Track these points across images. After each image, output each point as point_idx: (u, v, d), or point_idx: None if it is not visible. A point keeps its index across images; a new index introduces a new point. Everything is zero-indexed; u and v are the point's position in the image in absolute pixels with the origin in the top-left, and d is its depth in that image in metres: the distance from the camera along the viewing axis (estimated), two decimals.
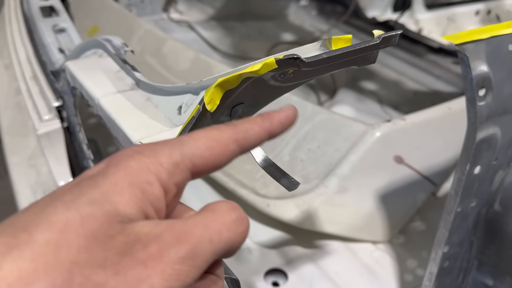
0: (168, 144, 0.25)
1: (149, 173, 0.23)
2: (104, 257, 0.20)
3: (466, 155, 0.47)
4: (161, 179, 0.23)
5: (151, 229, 0.22)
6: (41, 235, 0.20)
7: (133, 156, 0.23)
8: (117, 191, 0.22)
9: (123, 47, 0.54)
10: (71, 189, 0.22)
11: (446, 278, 0.58)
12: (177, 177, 0.24)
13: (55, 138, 0.65)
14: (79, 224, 0.20)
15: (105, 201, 0.21)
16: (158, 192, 0.23)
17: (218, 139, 0.26)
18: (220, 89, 0.31)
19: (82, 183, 0.22)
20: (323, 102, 1.25)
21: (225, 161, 0.26)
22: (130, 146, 0.25)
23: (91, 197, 0.21)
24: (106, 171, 0.23)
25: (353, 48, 0.33)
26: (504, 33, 0.45)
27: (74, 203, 0.21)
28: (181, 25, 1.66)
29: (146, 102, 0.46)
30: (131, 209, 0.22)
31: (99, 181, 0.22)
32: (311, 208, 0.73)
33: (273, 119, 0.29)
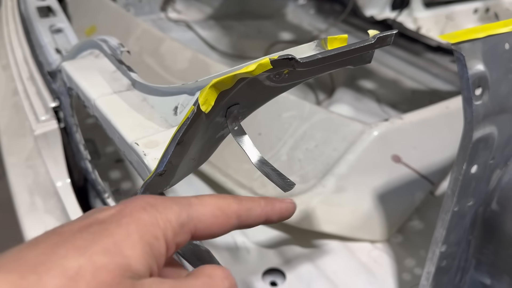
0: (178, 203, 0.26)
1: (158, 229, 0.24)
2: None
3: (462, 154, 0.46)
4: (167, 237, 0.24)
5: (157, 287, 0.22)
6: (52, 280, 0.19)
7: (147, 208, 0.24)
8: (130, 244, 0.22)
9: (119, 48, 0.54)
10: (82, 233, 0.22)
11: (443, 277, 0.58)
12: (180, 237, 0.25)
13: (52, 139, 0.65)
14: (91, 273, 0.20)
15: (119, 254, 0.21)
16: (163, 249, 0.24)
17: (224, 210, 0.28)
18: (215, 90, 0.31)
19: (93, 228, 0.22)
20: (321, 101, 1.25)
21: (223, 232, 0.28)
22: (143, 196, 0.25)
23: (105, 246, 0.21)
24: (119, 219, 0.23)
25: (348, 48, 0.33)
26: (500, 32, 0.45)
27: (87, 249, 0.21)
28: (179, 25, 1.66)
29: (142, 102, 0.46)
30: (141, 266, 0.22)
31: (112, 229, 0.22)
32: (309, 207, 0.73)
33: (274, 207, 0.31)
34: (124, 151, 0.42)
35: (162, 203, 0.25)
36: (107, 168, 0.95)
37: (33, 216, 0.65)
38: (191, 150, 0.34)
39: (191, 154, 0.35)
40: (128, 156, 0.41)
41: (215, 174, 0.82)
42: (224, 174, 0.81)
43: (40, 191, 0.68)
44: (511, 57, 0.46)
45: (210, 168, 0.83)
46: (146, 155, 0.38)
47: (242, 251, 0.75)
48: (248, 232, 0.78)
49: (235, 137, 0.36)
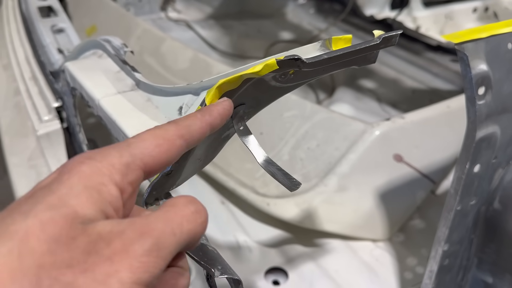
0: (117, 147, 0.26)
1: (103, 176, 0.24)
2: (70, 257, 0.20)
3: (466, 153, 0.47)
4: (115, 179, 0.24)
5: (113, 227, 0.22)
6: (2, 246, 0.20)
7: (85, 161, 0.24)
8: (73, 194, 0.22)
9: (123, 48, 0.54)
10: (26, 200, 0.22)
11: (446, 276, 0.58)
12: (130, 176, 0.25)
13: (55, 138, 0.65)
14: (39, 230, 0.20)
15: (63, 205, 0.22)
16: (114, 192, 0.24)
17: (164, 136, 0.27)
18: (221, 90, 0.31)
19: (36, 193, 0.22)
20: (321, 101, 1.25)
21: (174, 156, 0.28)
22: (80, 153, 0.25)
23: (48, 203, 0.21)
24: (60, 178, 0.23)
25: (354, 49, 0.33)
26: (503, 32, 0.45)
27: (32, 211, 0.21)
28: (179, 24, 1.66)
29: (147, 103, 0.46)
30: (90, 210, 0.22)
31: (54, 188, 0.22)
32: (311, 206, 0.73)
33: (212, 112, 0.31)
34: None
35: (99, 153, 0.25)
36: None
37: None
38: (197, 150, 0.35)
39: (197, 154, 0.35)
40: None
41: (217, 174, 0.82)
42: (226, 174, 0.82)
43: None
44: None
45: (212, 168, 0.83)
46: None
47: (244, 250, 0.75)
48: (251, 231, 0.79)
49: (241, 137, 0.36)
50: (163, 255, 0.23)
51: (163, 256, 0.23)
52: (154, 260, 0.22)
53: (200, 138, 0.30)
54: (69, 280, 0.20)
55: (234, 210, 0.83)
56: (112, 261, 0.21)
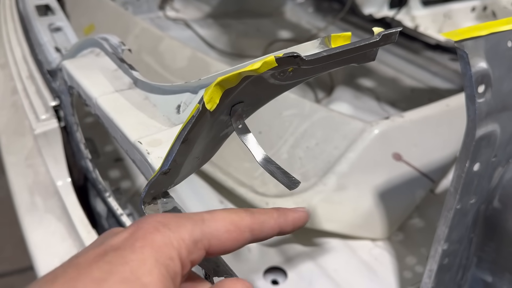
0: (191, 220, 0.26)
1: (173, 249, 0.24)
2: None
3: (465, 152, 0.46)
4: (181, 255, 0.24)
5: None
6: None
7: (159, 229, 0.24)
8: (146, 270, 0.22)
9: (121, 46, 0.53)
10: (98, 263, 0.22)
11: (445, 275, 0.58)
12: (195, 255, 0.25)
13: (52, 137, 0.65)
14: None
15: (137, 282, 0.21)
16: (178, 268, 0.24)
17: (237, 224, 0.27)
18: (220, 88, 0.31)
19: (108, 256, 0.22)
20: (320, 100, 1.25)
21: (237, 247, 0.28)
22: (155, 215, 0.25)
23: (123, 276, 0.21)
24: (133, 244, 0.23)
25: (353, 46, 0.33)
26: (503, 29, 0.45)
27: (105, 282, 0.21)
28: (178, 23, 1.66)
29: (144, 101, 0.45)
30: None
31: (127, 256, 0.22)
32: (310, 206, 0.73)
33: (287, 217, 0.31)
34: (127, 150, 0.42)
35: (174, 222, 0.25)
36: (107, 167, 0.95)
37: (34, 215, 0.65)
38: (195, 149, 0.34)
39: (195, 152, 0.35)
40: (131, 155, 0.41)
41: (216, 173, 0.82)
42: (224, 173, 0.81)
43: (40, 190, 0.68)
44: None
45: (211, 167, 0.83)
46: (149, 153, 0.38)
47: (243, 250, 0.75)
48: None
49: (239, 135, 0.35)
50: None
51: None
52: None
53: (267, 238, 0.30)
54: None
55: None
56: None
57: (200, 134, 0.33)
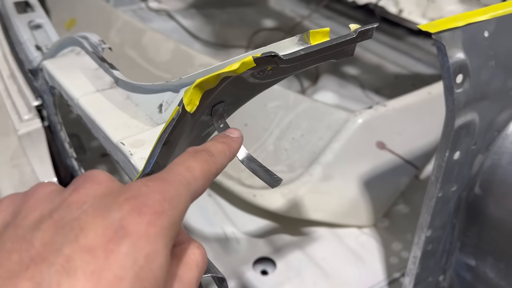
0: (182, 188, 0.24)
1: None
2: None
3: (445, 142, 0.47)
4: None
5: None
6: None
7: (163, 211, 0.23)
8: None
9: (101, 44, 0.53)
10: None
11: (430, 261, 0.59)
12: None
13: (36, 138, 0.64)
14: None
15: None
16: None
17: (211, 176, 0.27)
18: (199, 90, 0.31)
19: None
20: (306, 89, 1.25)
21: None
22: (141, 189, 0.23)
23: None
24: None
25: (330, 44, 0.33)
26: (480, 19, 0.45)
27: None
28: (160, 14, 1.64)
29: (126, 100, 0.45)
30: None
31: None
32: (297, 196, 0.74)
33: (233, 145, 0.31)
34: (110, 151, 0.42)
35: (170, 200, 0.23)
36: (93, 162, 0.94)
37: None
38: (177, 150, 0.35)
39: (178, 153, 0.35)
40: (114, 155, 0.41)
41: None
42: None
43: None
44: (490, 44, 0.46)
45: None
46: (132, 154, 0.38)
47: (232, 242, 0.76)
48: (238, 222, 0.79)
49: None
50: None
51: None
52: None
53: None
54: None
55: (221, 202, 0.83)
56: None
57: (182, 135, 0.34)
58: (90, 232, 0.19)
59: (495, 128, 0.52)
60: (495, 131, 0.52)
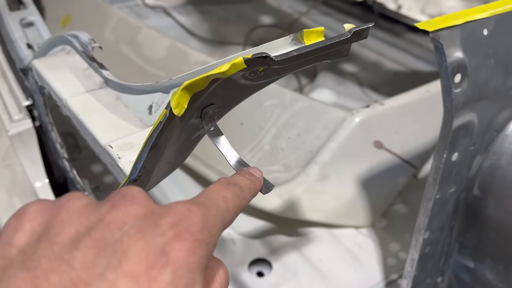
0: (218, 220, 0.25)
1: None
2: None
3: (443, 143, 0.46)
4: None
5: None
6: None
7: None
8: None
9: (91, 43, 0.52)
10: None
11: (427, 263, 0.58)
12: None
13: (27, 138, 0.63)
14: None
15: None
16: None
17: (240, 209, 0.28)
18: (187, 92, 0.30)
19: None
20: (304, 86, 1.24)
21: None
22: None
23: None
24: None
25: (324, 44, 0.32)
26: (479, 17, 0.44)
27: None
28: (157, 11, 1.62)
29: (116, 101, 0.44)
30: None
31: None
32: (293, 196, 0.72)
33: (257, 184, 0.32)
34: (99, 153, 0.41)
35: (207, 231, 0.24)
36: (89, 161, 0.93)
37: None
38: (166, 154, 0.33)
39: (166, 157, 0.34)
40: (102, 158, 0.40)
41: (198, 166, 0.81)
42: (207, 166, 0.81)
43: (18, 191, 0.66)
44: (489, 43, 0.45)
45: (193, 160, 0.82)
46: (120, 158, 0.37)
47: (228, 243, 0.75)
48: (234, 223, 0.78)
49: (211, 138, 0.35)
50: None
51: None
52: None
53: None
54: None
55: None
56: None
57: (170, 139, 0.32)
58: (133, 257, 0.19)
59: (494, 128, 0.51)
60: (495, 131, 0.51)
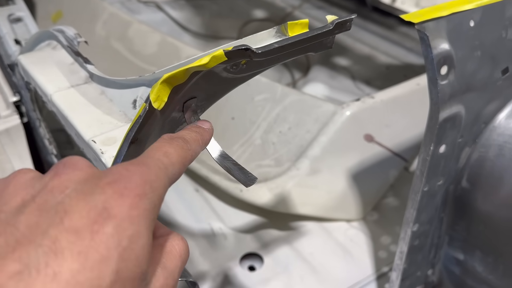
0: (160, 173, 0.25)
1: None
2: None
3: (429, 135, 0.46)
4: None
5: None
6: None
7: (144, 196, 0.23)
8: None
9: (76, 38, 0.51)
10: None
11: (417, 255, 0.58)
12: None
13: (15, 134, 0.63)
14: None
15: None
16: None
17: (187, 162, 0.28)
18: (167, 85, 0.30)
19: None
20: (297, 80, 1.24)
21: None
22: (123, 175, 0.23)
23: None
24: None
25: (306, 36, 0.32)
26: (465, 8, 0.44)
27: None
28: (149, 6, 1.61)
29: (100, 96, 0.44)
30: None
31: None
32: (284, 191, 0.72)
33: (205, 135, 0.32)
34: (83, 149, 0.41)
35: (150, 187, 0.24)
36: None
37: None
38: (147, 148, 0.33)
39: None
40: (87, 153, 0.40)
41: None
42: (198, 161, 0.80)
43: None
44: (476, 34, 0.45)
45: None
46: (103, 153, 0.37)
47: (219, 238, 0.75)
48: (225, 218, 0.78)
49: None
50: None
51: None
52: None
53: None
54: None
55: (208, 197, 0.82)
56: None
57: (151, 133, 0.32)
58: (74, 215, 0.20)
59: (482, 120, 0.51)
60: (482, 123, 0.51)
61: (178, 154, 0.27)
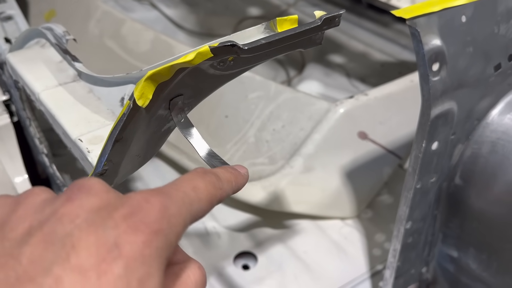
0: (182, 206, 0.23)
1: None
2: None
3: (421, 132, 0.46)
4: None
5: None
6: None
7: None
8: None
9: (65, 36, 0.51)
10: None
11: (411, 253, 0.58)
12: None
13: (4, 134, 0.62)
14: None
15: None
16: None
17: (215, 200, 0.26)
18: (152, 83, 0.29)
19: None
20: (292, 78, 1.23)
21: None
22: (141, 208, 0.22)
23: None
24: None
25: (293, 32, 0.31)
26: (457, 4, 0.44)
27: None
28: (143, 3, 1.60)
29: (88, 94, 0.43)
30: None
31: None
32: (278, 189, 0.72)
33: (239, 180, 0.30)
34: (71, 148, 0.40)
35: (169, 217, 0.22)
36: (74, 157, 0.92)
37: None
38: (133, 146, 0.33)
39: (134, 150, 0.33)
40: (74, 152, 0.40)
41: (183, 160, 0.80)
42: (191, 159, 0.80)
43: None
44: (468, 30, 0.45)
45: (178, 154, 0.81)
46: (90, 152, 0.36)
47: (213, 237, 0.74)
48: (219, 216, 0.78)
49: (181, 130, 0.34)
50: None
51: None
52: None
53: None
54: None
55: None
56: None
57: (136, 131, 0.32)
58: (82, 252, 0.18)
59: (475, 117, 0.50)
60: (475, 119, 0.51)
61: (208, 191, 0.25)
